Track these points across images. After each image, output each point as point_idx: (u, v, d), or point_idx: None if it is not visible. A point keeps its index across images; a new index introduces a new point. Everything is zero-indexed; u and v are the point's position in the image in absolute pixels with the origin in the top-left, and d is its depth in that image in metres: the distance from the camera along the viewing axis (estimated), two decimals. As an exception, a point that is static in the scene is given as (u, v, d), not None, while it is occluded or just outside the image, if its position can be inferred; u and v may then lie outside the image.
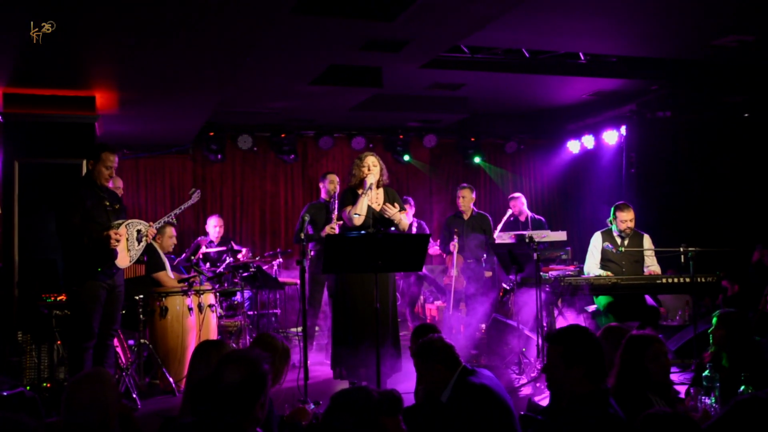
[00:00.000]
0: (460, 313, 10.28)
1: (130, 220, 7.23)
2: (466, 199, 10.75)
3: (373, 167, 7.64)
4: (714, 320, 6.09)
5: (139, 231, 7.25)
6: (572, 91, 12.19)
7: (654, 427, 3.25)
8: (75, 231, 6.89)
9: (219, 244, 11.13)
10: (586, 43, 9.86)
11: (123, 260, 7.14)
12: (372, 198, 7.64)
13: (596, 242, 9.09)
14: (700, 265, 8.32)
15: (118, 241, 6.94)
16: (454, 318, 10.13)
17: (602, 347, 4.09)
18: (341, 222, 8.16)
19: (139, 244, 7.26)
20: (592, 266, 9.00)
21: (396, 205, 7.70)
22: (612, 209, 9.03)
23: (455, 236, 10.31)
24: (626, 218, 8.88)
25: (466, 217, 10.74)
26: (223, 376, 3.51)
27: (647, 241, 8.99)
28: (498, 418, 4.53)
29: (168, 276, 8.93)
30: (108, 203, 7.16)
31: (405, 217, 7.79)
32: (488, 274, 10.56)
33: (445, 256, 10.99)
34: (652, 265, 8.95)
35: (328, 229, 9.37)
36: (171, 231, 9.47)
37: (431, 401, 5.01)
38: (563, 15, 8.31)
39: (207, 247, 10.92)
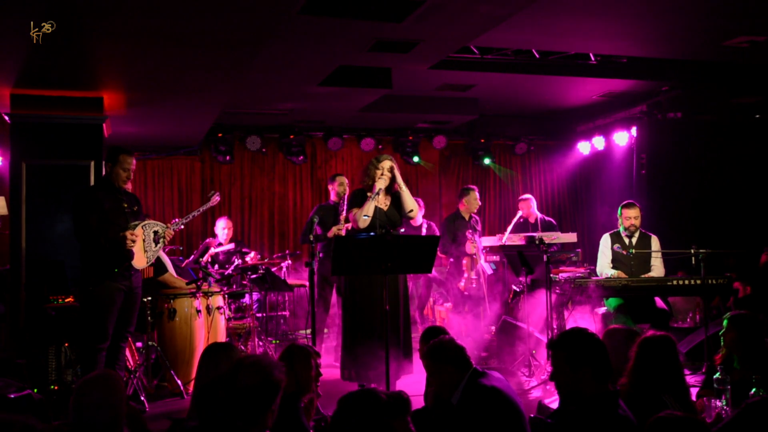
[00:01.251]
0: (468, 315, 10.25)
1: (146, 221, 7.20)
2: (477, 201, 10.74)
3: (387, 172, 7.60)
4: (725, 322, 6.03)
5: (156, 232, 7.22)
6: (582, 92, 12.14)
7: (667, 429, 3.24)
8: (92, 232, 6.86)
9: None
10: (597, 44, 9.81)
11: (139, 261, 7.11)
12: (381, 201, 7.61)
13: (606, 242, 9.11)
14: (712, 267, 8.28)
15: (133, 241, 6.91)
16: (468, 321, 10.10)
17: (606, 348, 4.09)
18: (349, 224, 8.13)
19: (156, 245, 7.24)
20: (605, 266, 9.00)
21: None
22: (619, 208, 9.04)
23: (476, 237, 10.26)
24: (631, 215, 8.94)
25: (466, 217, 10.69)
26: (238, 380, 3.51)
27: (655, 242, 8.98)
28: (508, 421, 4.50)
29: (172, 276, 8.89)
30: (126, 205, 7.14)
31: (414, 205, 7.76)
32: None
33: (456, 258, 10.87)
34: (656, 266, 8.91)
35: (335, 230, 9.32)
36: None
37: (441, 403, 4.99)
38: (573, 16, 8.27)
39: (215, 248, 10.89)
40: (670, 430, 3.26)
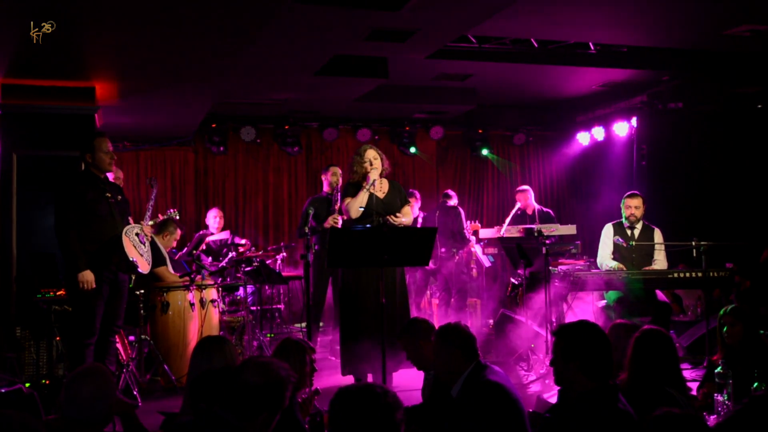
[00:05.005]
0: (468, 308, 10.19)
1: (125, 228, 7.01)
2: None
3: (374, 161, 7.54)
4: (721, 313, 5.97)
5: (137, 234, 7.10)
6: (582, 81, 12.05)
7: (665, 427, 3.19)
8: (69, 227, 6.74)
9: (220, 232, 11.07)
10: (596, 33, 9.74)
11: (143, 266, 7.02)
12: (376, 188, 7.53)
13: (608, 233, 8.94)
14: (713, 260, 8.20)
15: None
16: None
17: (608, 343, 4.02)
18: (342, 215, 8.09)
19: (145, 246, 7.12)
20: (605, 257, 8.84)
21: (398, 215, 7.58)
22: (623, 198, 8.91)
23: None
24: (631, 204, 8.80)
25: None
26: (243, 376, 3.51)
27: (658, 235, 8.85)
28: (509, 416, 4.46)
29: (168, 272, 8.78)
30: (110, 195, 7.00)
31: (409, 212, 7.69)
32: None
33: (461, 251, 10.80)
34: (659, 259, 8.80)
35: (330, 221, 9.19)
36: (178, 233, 9.38)
37: (440, 397, 4.98)
38: (573, 4, 8.21)
39: (209, 238, 10.82)
40: (672, 427, 3.19)
